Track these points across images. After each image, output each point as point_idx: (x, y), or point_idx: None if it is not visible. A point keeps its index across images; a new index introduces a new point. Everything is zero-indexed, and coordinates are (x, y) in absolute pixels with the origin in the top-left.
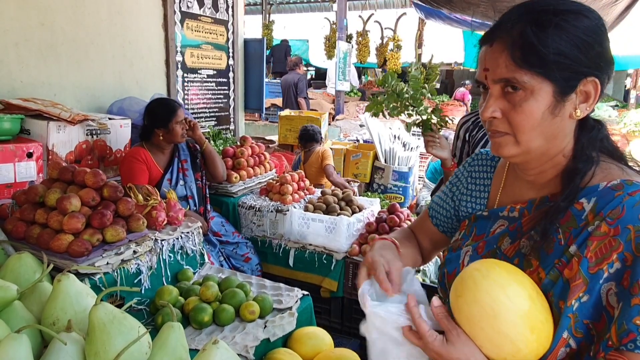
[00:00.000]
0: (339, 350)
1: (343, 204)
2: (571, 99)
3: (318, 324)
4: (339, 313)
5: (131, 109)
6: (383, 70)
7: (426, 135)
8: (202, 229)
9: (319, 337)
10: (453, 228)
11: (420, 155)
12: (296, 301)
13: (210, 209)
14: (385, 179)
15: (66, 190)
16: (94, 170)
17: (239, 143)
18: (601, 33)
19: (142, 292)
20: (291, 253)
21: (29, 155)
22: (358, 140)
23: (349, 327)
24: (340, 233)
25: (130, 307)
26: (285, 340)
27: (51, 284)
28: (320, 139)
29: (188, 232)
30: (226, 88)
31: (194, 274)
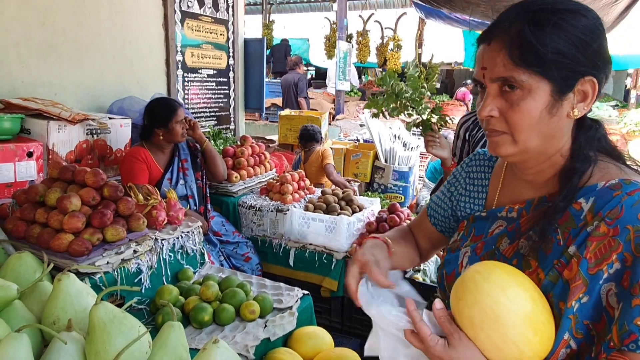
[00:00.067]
0: (339, 349)
1: (343, 203)
2: (569, 98)
3: (318, 324)
4: (339, 313)
5: (131, 109)
6: (383, 70)
7: (426, 135)
8: (203, 229)
9: (319, 337)
10: (451, 228)
11: (420, 155)
12: (296, 301)
13: (211, 208)
14: (386, 178)
15: (66, 190)
16: (94, 170)
17: (239, 143)
18: (599, 32)
19: (143, 292)
20: (291, 253)
21: (29, 155)
22: (358, 140)
23: (349, 327)
24: (340, 233)
25: (130, 307)
26: (286, 340)
27: (51, 284)
28: (321, 138)
29: (188, 232)
30: (226, 88)
31: (194, 273)
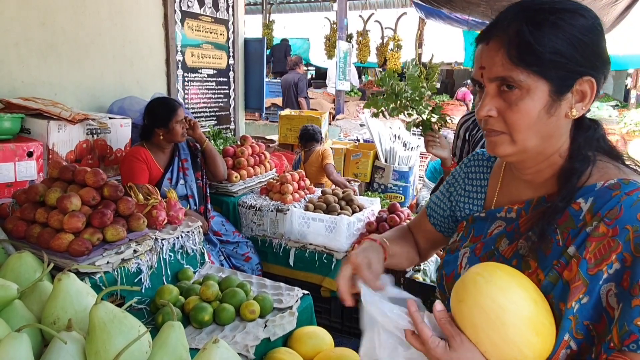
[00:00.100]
0: (339, 349)
1: (343, 203)
2: (567, 99)
3: (318, 324)
4: (340, 312)
5: (131, 109)
6: (383, 70)
7: (426, 135)
8: (203, 229)
9: (320, 337)
10: (450, 228)
11: (420, 154)
12: (296, 300)
13: (211, 208)
14: (386, 178)
15: (66, 190)
16: (95, 170)
17: (239, 142)
18: (597, 32)
19: (143, 292)
20: (291, 252)
21: (30, 155)
22: (358, 140)
23: (350, 327)
24: (340, 232)
25: (130, 307)
26: (286, 340)
27: (51, 283)
28: (321, 138)
29: (188, 232)
30: (226, 87)
31: (194, 273)
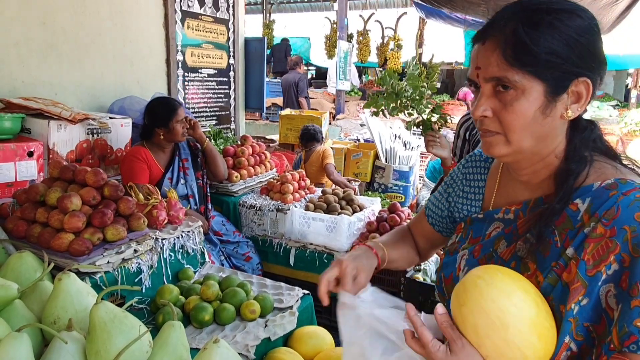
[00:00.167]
0: (339, 349)
1: (344, 203)
2: (562, 99)
3: (319, 323)
4: None
5: (132, 108)
6: (383, 70)
7: (426, 135)
8: (203, 228)
9: (320, 337)
10: (448, 228)
11: (420, 154)
12: (297, 300)
13: (211, 208)
14: (386, 178)
15: (67, 190)
16: (95, 170)
17: (239, 142)
18: (594, 33)
19: (143, 291)
20: (292, 252)
21: (30, 154)
22: (359, 140)
23: None
24: (341, 232)
25: (131, 306)
26: (286, 340)
27: (52, 283)
28: (321, 138)
29: (189, 231)
30: (227, 87)
31: (195, 273)
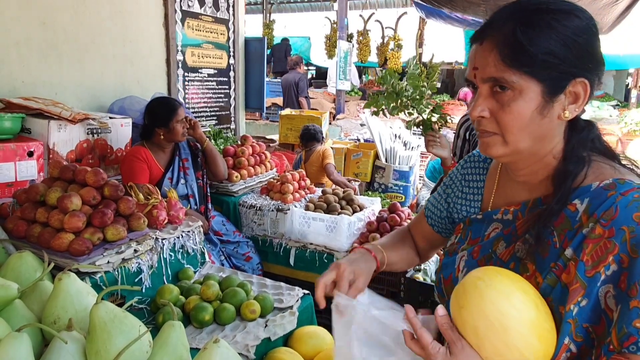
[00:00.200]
0: None
1: (344, 203)
2: (560, 100)
3: (319, 323)
4: None
5: (132, 108)
6: (384, 69)
7: (427, 134)
8: (203, 228)
9: (320, 336)
10: (447, 229)
11: (421, 154)
12: (297, 300)
13: (211, 207)
14: (386, 178)
15: (67, 189)
16: (95, 169)
17: (239, 142)
18: (592, 34)
19: (143, 291)
20: (292, 252)
21: (30, 154)
22: (359, 140)
23: None
24: (341, 232)
25: (131, 306)
26: (286, 340)
27: (52, 283)
28: (322, 138)
29: (189, 231)
30: (227, 87)
31: (195, 273)
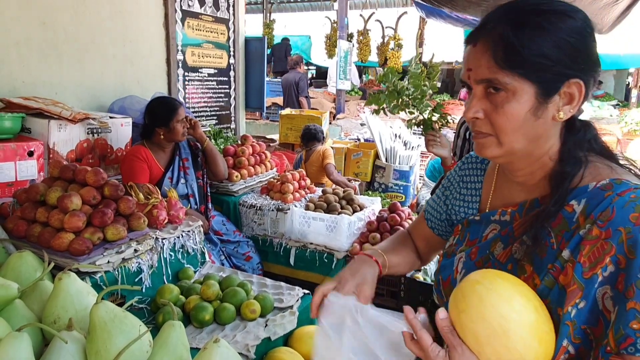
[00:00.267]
0: None
1: (344, 202)
2: (554, 101)
3: None
4: None
5: (132, 108)
6: (384, 69)
7: (427, 134)
8: (203, 228)
9: None
10: (447, 231)
11: (421, 154)
12: (297, 300)
13: (212, 207)
14: (386, 177)
15: (67, 189)
16: (95, 169)
17: (239, 142)
18: (586, 34)
19: (143, 291)
20: (292, 252)
21: (30, 154)
22: (359, 139)
23: None
24: (341, 232)
25: (131, 306)
26: (286, 339)
27: (52, 283)
28: (322, 138)
29: (189, 231)
30: (227, 87)
31: (195, 272)
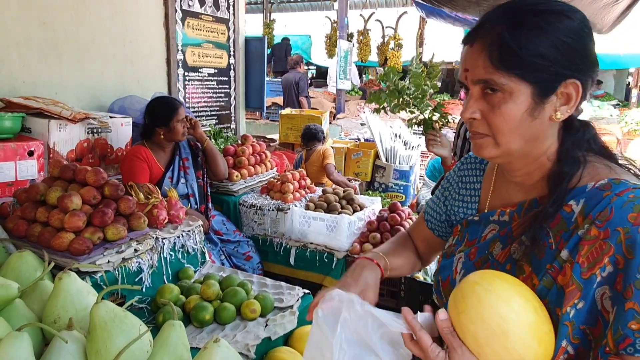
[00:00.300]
0: None
1: (344, 202)
2: (551, 101)
3: None
4: None
5: (132, 108)
6: (384, 69)
7: (427, 134)
8: (203, 228)
9: None
10: (447, 232)
11: (421, 153)
12: (297, 300)
13: (212, 207)
14: (387, 177)
15: (67, 189)
16: (95, 169)
17: (240, 142)
18: (584, 34)
19: (143, 291)
20: (292, 252)
21: (30, 154)
22: (359, 139)
23: None
24: (341, 232)
25: (131, 306)
26: (287, 339)
27: (52, 282)
28: (323, 137)
29: (189, 231)
30: (227, 86)
31: (195, 272)
